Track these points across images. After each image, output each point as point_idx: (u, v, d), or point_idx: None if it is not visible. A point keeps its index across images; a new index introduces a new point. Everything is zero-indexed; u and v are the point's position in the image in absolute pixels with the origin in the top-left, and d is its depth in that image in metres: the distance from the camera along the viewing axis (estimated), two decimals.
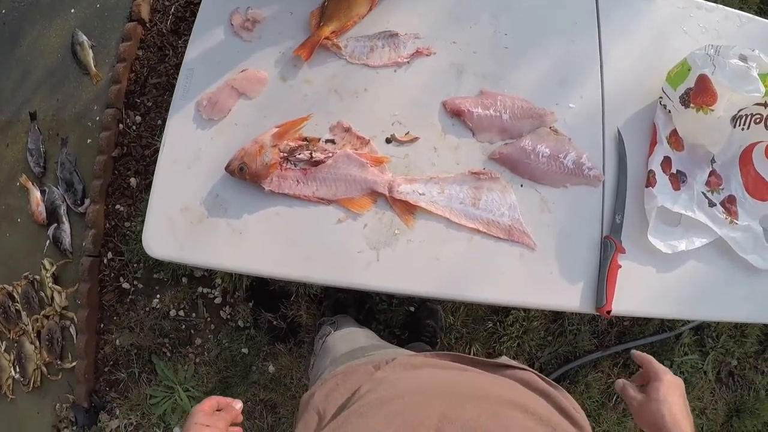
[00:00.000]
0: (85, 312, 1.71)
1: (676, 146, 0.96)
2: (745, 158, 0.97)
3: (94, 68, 1.86)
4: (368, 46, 0.98)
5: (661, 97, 0.96)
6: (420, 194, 0.91)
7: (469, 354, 1.36)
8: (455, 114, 0.93)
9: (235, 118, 0.97)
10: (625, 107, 0.98)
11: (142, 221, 1.80)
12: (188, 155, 0.96)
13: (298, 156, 0.91)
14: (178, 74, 1.01)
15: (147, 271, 1.76)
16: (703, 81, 0.88)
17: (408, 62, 0.97)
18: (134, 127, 1.81)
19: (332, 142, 0.93)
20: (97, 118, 1.84)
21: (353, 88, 0.96)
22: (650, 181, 0.94)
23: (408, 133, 0.93)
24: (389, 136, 0.93)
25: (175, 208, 0.93)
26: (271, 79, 0.99)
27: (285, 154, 0.90)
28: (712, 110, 0.89)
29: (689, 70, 0.90)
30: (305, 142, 0.92)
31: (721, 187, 0.98)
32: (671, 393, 0.71)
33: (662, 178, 0.94)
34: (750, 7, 2.10)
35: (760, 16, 1.23)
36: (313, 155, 0.91)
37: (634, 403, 0.73)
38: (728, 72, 0.87)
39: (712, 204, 0.95)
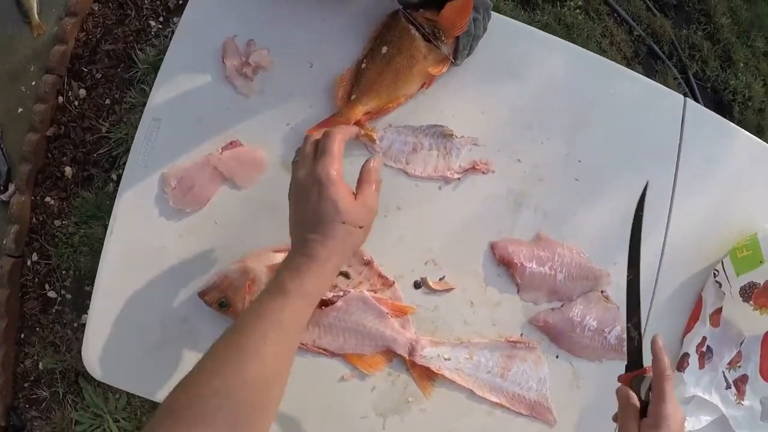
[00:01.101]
0: (4, 322, 1.44)
1: (714, 323, 0.89)
2: None
3: (36, 17, 1.45)
4: (411, 143, 0.75)
5: (716, 272, 0.86)
6: (445, 359, 0.74)
7: None
8: (503, 263, 0.76)
9: (214, 214, 0.71)
10: (677, 275, 0.87)
11: (76, 223, 1.47)
12: (146, 252, 0.70)
13: None
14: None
15: (77, 281, 1.48)
16: None
17: (459, 179, 0.76)
18: (76, 103, 1.44)
19: (346, 276, 0.71)
20: (33, 84, 1.47)
21: (383, 203, 0.73)
22: (682, 364, 0.86)
23: (443, 278, 0.74)
24: (419, 280, 0.74)
25: (126, 323, 0.70)
26: (272, 164, 0.72)
27: None
28: None
29: (761, 262, 0.81)
30: None
31: (739, 365, 0.94)
32: None
33: (693, 359, 0.88)
34: None
35: None
36: None
37: None
38: None
39: (728, 386, 0.91)
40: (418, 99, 0.76)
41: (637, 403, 0.61)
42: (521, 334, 0.77)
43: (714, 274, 0.87)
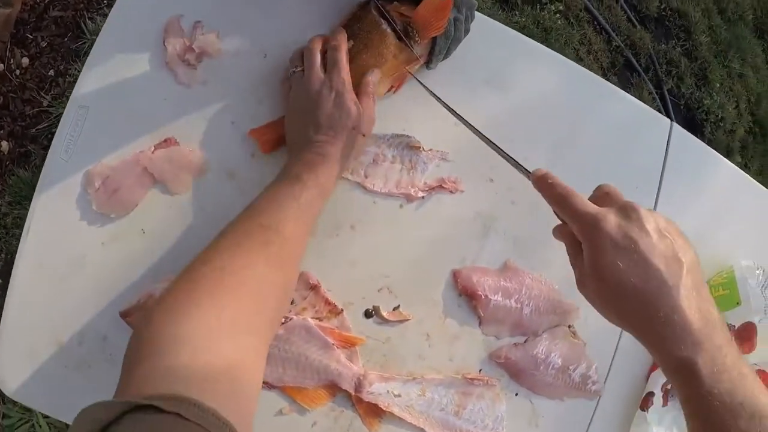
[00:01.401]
0: None
1: None
2: None
3: None
4: (372, 153, 0.66)
5: None
6: (395, 395, 0.67)
7: None
8: (466, 294, 0.69)
9: (142, 221, 0.62)
10: None
11: (10, 203, 1.33)
12: (65, 260, 0.61)
13: None
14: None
15: (9, 265, 1.32)
16: (748, 330, 0.75)
17: (423, 197, 0.68)
18: (18, 72, 1.33)
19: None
20: None
21: (335, 221, 0.65)
22: (645, 403, 0.81)
23: (398, 308, 0.67)
24: (371, 309, 0.66)
25: (42, 338, 0.61)
26: (211, 168, 0.63)
27: None
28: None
29: (738, 303, 0.77)
30: None
31: None
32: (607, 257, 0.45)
33: (658, 397, 0.83)
34: None
35: None
36: None
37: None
38: None
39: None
40: (383, 103, 0.67)
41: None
42: (480, 370, 0.70)
43: None
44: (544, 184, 0.52)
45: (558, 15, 1.81)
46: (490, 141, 0.58)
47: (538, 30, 1.74)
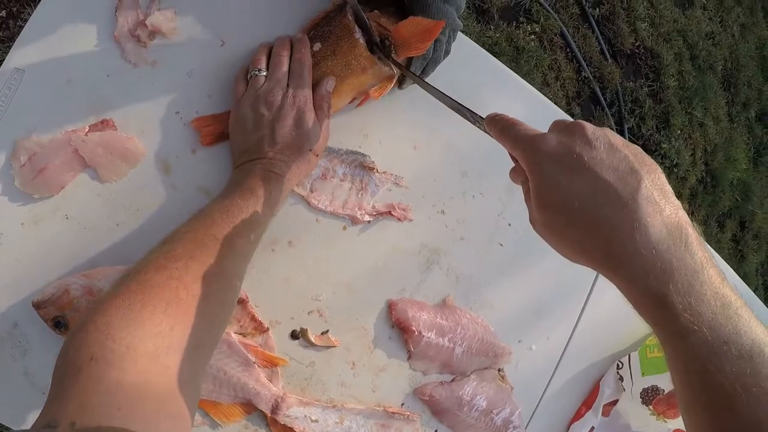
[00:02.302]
0: None
1: (605, 413, 0.86)
2: None
3: None
4: (322, 167, 0.63)
5: (620, 364, 0.83)
6: (312, 420, 0.65)
7: None
8: (399, 327, 0.67)
9: (66, 206, 0.57)
10: (580, 359, 0.82)
11: None
12: None
13: None
14: None
15: None
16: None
17: (369, 222, 0.66)
18: None
19: None
20: None
21: (272, 234, 0.62)
22: None
23: (326, 333, 0.65)
24: (298, 330, 0.64)
25: None
26: (147, 159, 0.59)
27: None
28: (666, 422, 0.79)
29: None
30: None
31: None
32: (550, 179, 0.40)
33: None
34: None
35: None
36: None
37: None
38: None
39: None
40: (341, 114, 0.64)
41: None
42: (402, 404, 0.69)
43: (618, 365, 0.83)
44: (493, 122, 0.46)
45: (533, 36, 1.79)
46: (443, 94, 0.55)
47: (510, 48, 1.72)
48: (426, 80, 0.62)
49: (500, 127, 0.45)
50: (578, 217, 0.39)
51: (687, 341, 0.37)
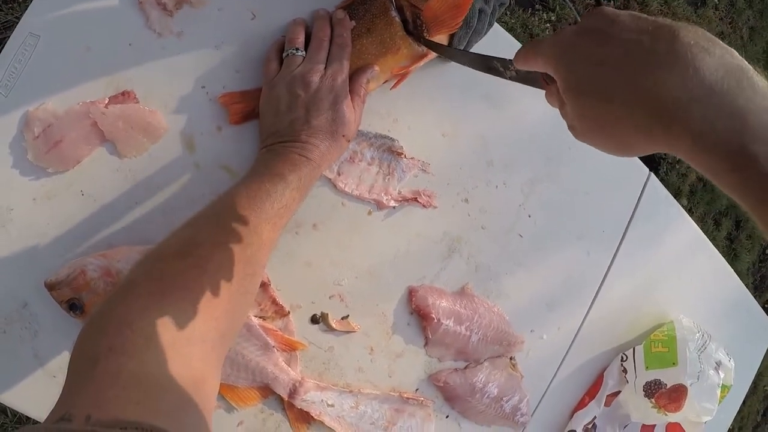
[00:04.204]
0: None
1: (607, 404, 0.89)
2: (649, 428, 0.96)
3: None
4: (350, 150, 0.64)
5: (624, 356, 0.86)
6: (328, 405, 0.67)
7: None
8: (418, 314, 0.68)
9: (82, 182, 0.56)
10: (587, 350, 0.85)
11: None
12: None
13: None
14: None
15: None
16: (679, 391, 0.79)
17: (394, 207, 0.67)
18: None
19: None
20: None
21: (297, 217, 0.62)
22: None
23: (347, 318, 0.66)
24: (318, 314, 0.64)
25: None
26: (170, 134, 0.58)
27: None
28: (666, 415, 0.83)
29: (674, 364, 0.81)
30: None
31: None
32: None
33: None
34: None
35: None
36: None
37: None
38: (704, 387, 0.80)
39: None
40: (373, 97, 0.64)
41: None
42: (416, 390, 0.71)
43: (622, 358, 0.87)
44: (518, 55, 0.45)
45: (548, 25, 1.80)
46: (472, 54, 0.57)
47: (524, 35, 1.73)
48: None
49: (524, 51, 0.43)
50: (617, 88, 0.36)
51: None
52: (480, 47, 0.66)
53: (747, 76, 0.33)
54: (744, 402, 1.12)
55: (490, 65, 0.54)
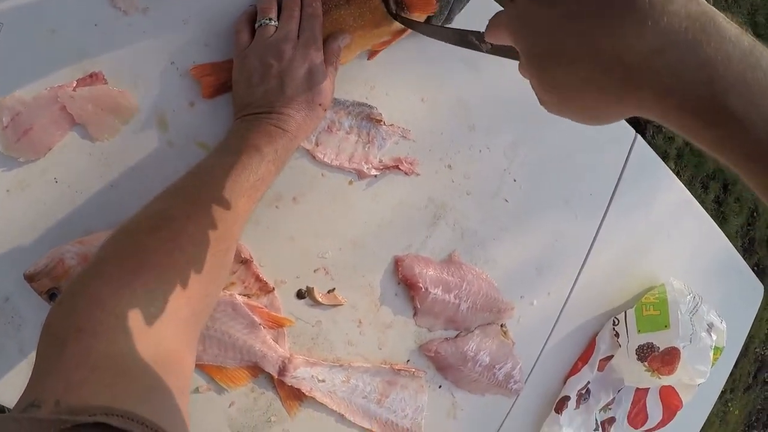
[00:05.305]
0: None
1: (600, 368, 0.91)
2: (642, 392, 0.97)
3: None
4: (328, 119, 0.64)
5: (616, 320, 0.87)
6: (319, 380, 0.68)
7: None
8: (405, 284, 0.69)
9: (55, 169, 0.56)
10: (578, 315, 0.86)
11: None
12: None
13: None
14: None
15: None
16: (672, 354, 0.80)
17: (376, 176, 0.67)
18: None
19: None
20: None
21: (276, 190, 0.62)
22: (561, 406, 0.87)
23: (333, 291, 0.66)
24: (304, 289, 0.65)
25: None
26: (142, 113, 0.58)
27: None
28: (660, 379, 0.85)
29: (666, 327, 0.83)
30: None
31: (610, 408, 0.98)
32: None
33: (572, 401, 0.90)
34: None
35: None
36: None
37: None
38: (697, 349, 0.82)
39: (597, 428, 0.95)
40: (349, 64, 0.63)
41: None
42: (408, 361, 0.72)
43: (614, 322, 0.88)
44: (488, 29, 0.43)
45: None
46: (448, 30, 0.57)
47: None
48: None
49: (490, 24, 0.42)
50: (576, 51, 0.34)
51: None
52: (463, 18, 0.66)
53: (714, 23, 0.31)
54: (735, 364, 1.14)
55: (466, 40, 0.54)
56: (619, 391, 0.94)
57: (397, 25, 0.61)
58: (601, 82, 0.34)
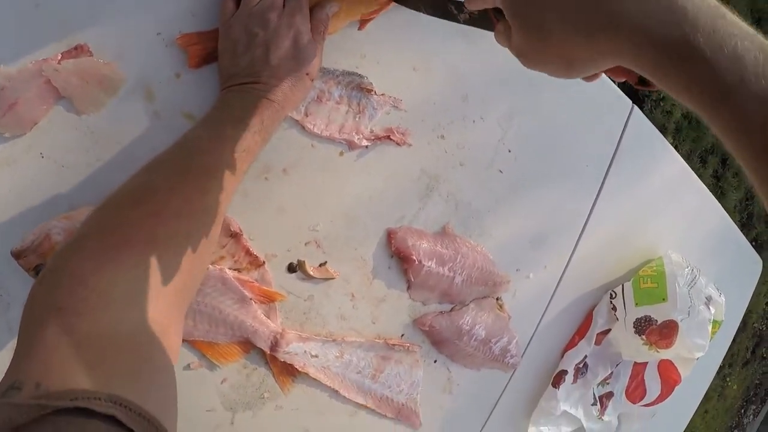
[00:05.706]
0: None
1: (597, 342, 0.91)
2: (641, 366, 0.97)
3: None
4: (317, 89, 0.63)
5: (613, 294, 0.87)
6: (312, 356, 0.68)
7: None
8: (398, 256, 0.69)
9: (41, 144, 0.55)
10: (574, 288, 0.86)
11: None
12: None
13: None
14: None
15: None
16: (670, 327, 0.80)
17: (367, 147, 0.67)
18: None
19: None
20: None
21: (265, 162, 0.61)
22: (558, 380, 0.87)
23: (324, 264, 0.66)
24: (295, 263, 0.65)
25: None
26: (129, 85, 0.58)
27: None
28: (658, 352, 0.85)
29: (664, 299, 0.82)
30: None
31: (608, 382, 0.99)
32: None
33: (569, 375, 0.90)
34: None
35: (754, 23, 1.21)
36: None
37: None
38: (695, 323, 0.82)
39: (594, 402, 0.95)
40: (338, 33, 0.63)
41: None
42: (402, 335, 0.72)
43: (611, 295, 0.88)
44: None
45: None
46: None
47: None
48: None
49: None
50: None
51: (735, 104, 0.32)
52: None
53: None
54: (734, 339, 1.15)
55: (445, 10, 0.54)
56: (617, 365, 0.94)
57: None
58: (576, 24, 0.37)
